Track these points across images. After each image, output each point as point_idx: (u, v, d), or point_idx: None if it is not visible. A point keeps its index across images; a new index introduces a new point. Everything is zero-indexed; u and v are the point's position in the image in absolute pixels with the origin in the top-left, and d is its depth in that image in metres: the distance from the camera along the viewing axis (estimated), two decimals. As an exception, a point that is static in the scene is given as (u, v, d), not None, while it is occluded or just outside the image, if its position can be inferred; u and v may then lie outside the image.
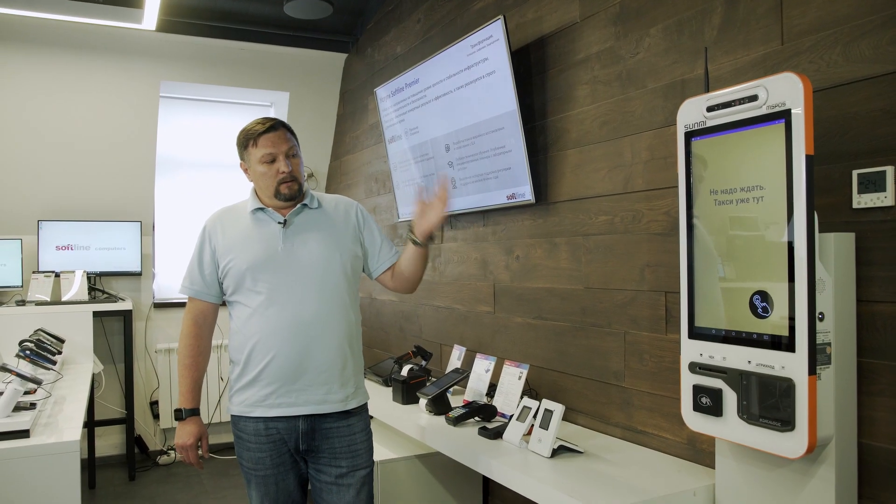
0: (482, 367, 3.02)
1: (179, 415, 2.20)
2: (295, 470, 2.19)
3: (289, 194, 2.16)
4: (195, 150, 5.20)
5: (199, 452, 2.23)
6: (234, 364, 2.19)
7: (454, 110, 3.30)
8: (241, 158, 2.23)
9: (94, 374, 3.90)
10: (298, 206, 2.20)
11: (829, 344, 1.68)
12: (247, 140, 2.17)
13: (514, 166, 2.96)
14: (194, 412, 2.22)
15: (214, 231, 2.21)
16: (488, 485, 3.24)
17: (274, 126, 2.17)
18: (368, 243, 2.30)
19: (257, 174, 2.17)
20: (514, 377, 2.81)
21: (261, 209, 2.19)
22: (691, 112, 1.85)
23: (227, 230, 2.20)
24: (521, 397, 2.57)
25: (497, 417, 2.77)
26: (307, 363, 2.10)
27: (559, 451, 2.30)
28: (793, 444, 1.62)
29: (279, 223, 2.17)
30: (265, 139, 2.15)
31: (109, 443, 4.75)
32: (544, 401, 2.38)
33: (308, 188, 2.25)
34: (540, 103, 2.93)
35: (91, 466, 4.34)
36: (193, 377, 2.21)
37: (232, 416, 2.20)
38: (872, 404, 1.72)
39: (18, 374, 2.49)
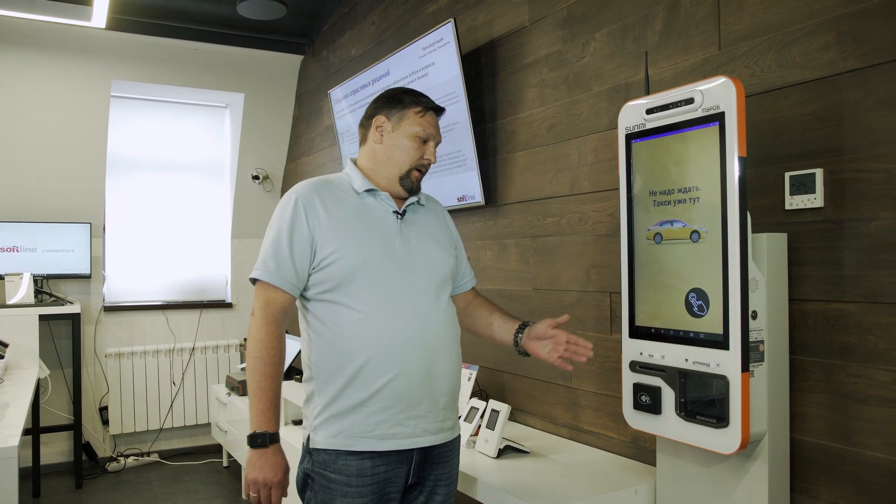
0: (433, 369, 3.02)
1: (260, 441, 1.68)
2: None
3: (414, 186, 1.83)
4: (148, 151, 5.11)
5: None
6: (322, 382, 1.73)
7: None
8: (387, 117, 1.82)
9: (39, 380, 3.81)
10: (412, 198, 1.86)
11: (762, 342, 1.72)
12: (413, 104, 1.82)
13: (465, 169, 2.97)
14: (278, 438, 1.72)
15: (313, 208, 1.73)
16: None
17: (443, 110, 1.90)
18: (458, 258, 1.97)
19: (397, 145, 1.81)
20: (463, 379, 2.81)
21: (372, 191, 1.81)
22: (632, 115, 1.88)
23: (332, 210, 1.75)
24: (470, 398, 2.58)
25: (447, 419, 2.77)
26: (431, 384, 1.74)
27: (505, 452, 2.31)
28: (727, 440, 1.65)
29: (395, 213, 1.81)
30: (432, 118, 1.84)
31: (56, 450, 4.63)
32: (491, 401, 2.39)
33: None
34: (490, 106, 2.95)
35: (35, 474, 4.21)
36: (276, 390, 1.71)
37: (318, 449, 1.71)
38: (804, 400, 1.76)
39: (-47, 379, 2.42)
